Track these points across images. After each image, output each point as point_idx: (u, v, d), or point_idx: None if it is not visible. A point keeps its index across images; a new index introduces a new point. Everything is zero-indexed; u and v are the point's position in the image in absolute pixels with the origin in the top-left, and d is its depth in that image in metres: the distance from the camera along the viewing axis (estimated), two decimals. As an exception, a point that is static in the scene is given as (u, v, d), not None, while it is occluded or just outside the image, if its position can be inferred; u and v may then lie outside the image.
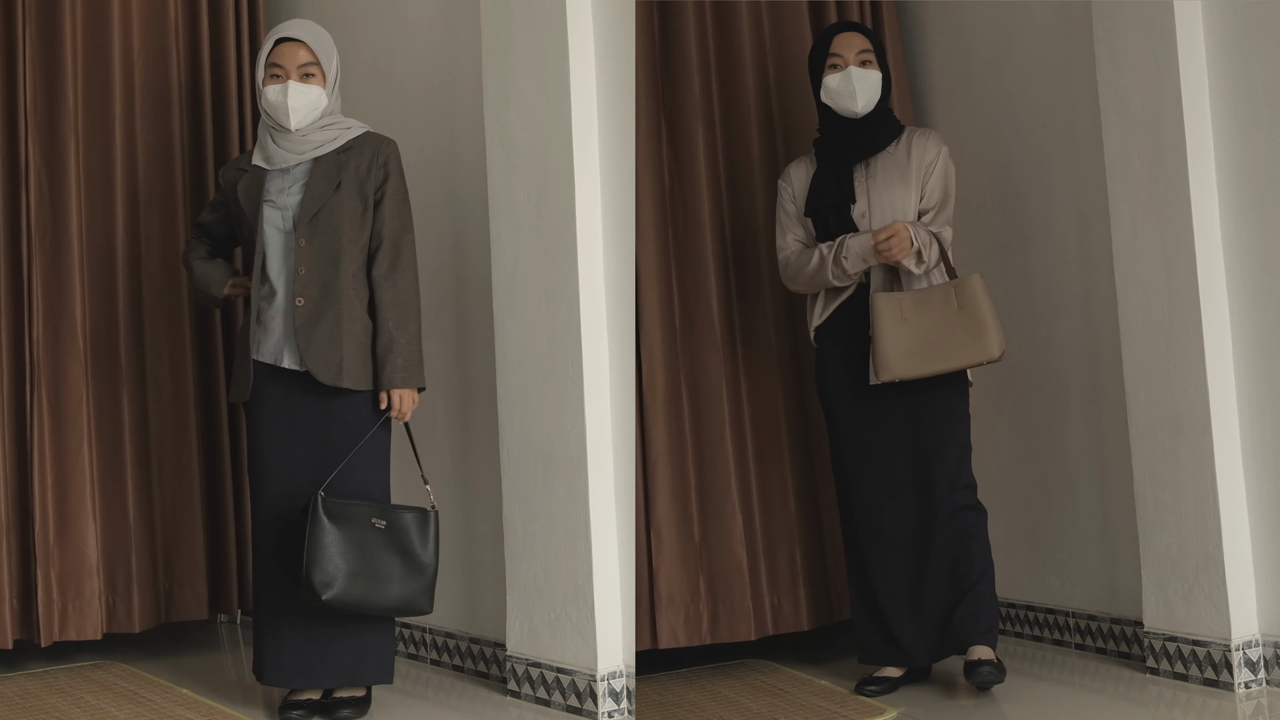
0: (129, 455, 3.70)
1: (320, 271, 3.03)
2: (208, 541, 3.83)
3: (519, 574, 3.22)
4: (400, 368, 3.03)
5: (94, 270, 3.69)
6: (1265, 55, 3.13)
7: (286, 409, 3.04)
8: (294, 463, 3.03)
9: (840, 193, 3.26)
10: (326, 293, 3.03)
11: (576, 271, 3.07)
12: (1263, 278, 3.15)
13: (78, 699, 3.29)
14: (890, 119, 3.33)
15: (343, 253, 3.04)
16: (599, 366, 3.08)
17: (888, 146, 3.29)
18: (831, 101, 3.29)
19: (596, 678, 3.00)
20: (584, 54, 3.12)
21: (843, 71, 3.25)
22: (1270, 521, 3.15)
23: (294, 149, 3.11)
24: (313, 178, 3.09)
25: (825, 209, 3.28)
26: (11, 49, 3.63)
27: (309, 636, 3.03)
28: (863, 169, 3.29)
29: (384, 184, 3.12)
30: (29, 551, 3.52)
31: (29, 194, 3.58)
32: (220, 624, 4.17)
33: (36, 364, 3.54)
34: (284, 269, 3.05)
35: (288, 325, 3.03)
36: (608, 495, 3.07)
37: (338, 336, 3.01)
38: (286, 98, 3.07)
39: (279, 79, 3.09)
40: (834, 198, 3.27)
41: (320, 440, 3.03)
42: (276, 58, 3.10)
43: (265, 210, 3.08)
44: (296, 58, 3.10)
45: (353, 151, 3.13)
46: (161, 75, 3.87)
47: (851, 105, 3.25)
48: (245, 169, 3.16)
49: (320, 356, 3.00)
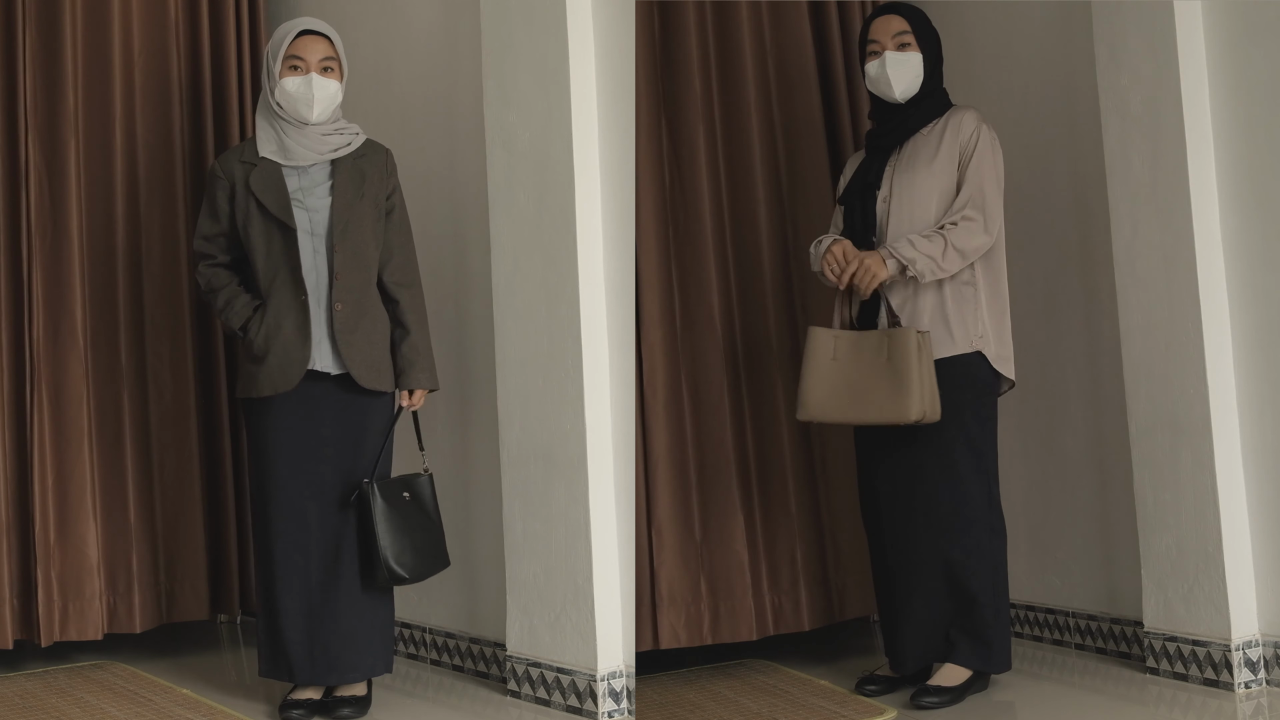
0: (129, 455, 3.70)
1: (353, 276, 3.06)
2: (209, 541, 3.83)
3: (519, 574, 3.23)
4: (425, 369, 3.16)
5: (94, 269, 3.69)
6: (1265, 55, 3.13)
7: (308, 409, 3.05)
8: (319, 461, 3.06)
9: (866, 179, 3.22)
10: (361, 297, 3.07)
11: (576, 271, 3.07)
12: (1263, 278, 3.15)
13: (78, 699, 3.29)
14: (931, 99, 3.21)
15: (369, 259, 3.09)
16: (599, 366, 3.08)
17: (922, 129, 3.21)
18: (874, 89, 3.24)
19: (596, 678, 3.01)
20: (584, 54, 3.12)
21: (880, 58, 3.19)
22: (1270, 521, 3.15)
23: (313, 147, 3.10)
24: (338, 183, 3.09)
25: (851, 197, 3.24)
26: (11, 48, 3.62)
27: (320, 632, 3.05)
28: (896, 154, 3.22)
29: (393, 194, 3.18)
30: (29, 551, 3.52)
31: (29, 193, 3.58)
32: (220, 624, 4.17)
33: (37, 363, 3.54)
34: (314, 271, 3.05)
35: (321, 329, 3.04)
36: (608, 495, 3.07)
37: (373, 340, 3.08)
38: (311, 89, 3.06)
39: (299, 70, 3.07)
40: (859, 184, 3.23)
41: (346, 438, 3.07)
42: (297, 50, 3.08)
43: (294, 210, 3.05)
44: (318, 50, 3.09)
45: (366, 159, 3.15)
46: (162, 74, 3.87)
47: (889, 92, 3.19)
48: (252, 162, 3.10)
49: (360, 359, 3.05)
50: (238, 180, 3.10)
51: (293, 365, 3.02)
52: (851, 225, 3.22)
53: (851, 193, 3.25)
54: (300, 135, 3.09)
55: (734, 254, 3.64)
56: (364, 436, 3.10)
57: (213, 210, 3.15)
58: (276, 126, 3.11)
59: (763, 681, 3.38)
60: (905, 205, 3.14)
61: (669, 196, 3.56)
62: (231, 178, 3.11)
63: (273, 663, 3.10)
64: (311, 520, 3.05)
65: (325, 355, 3.05)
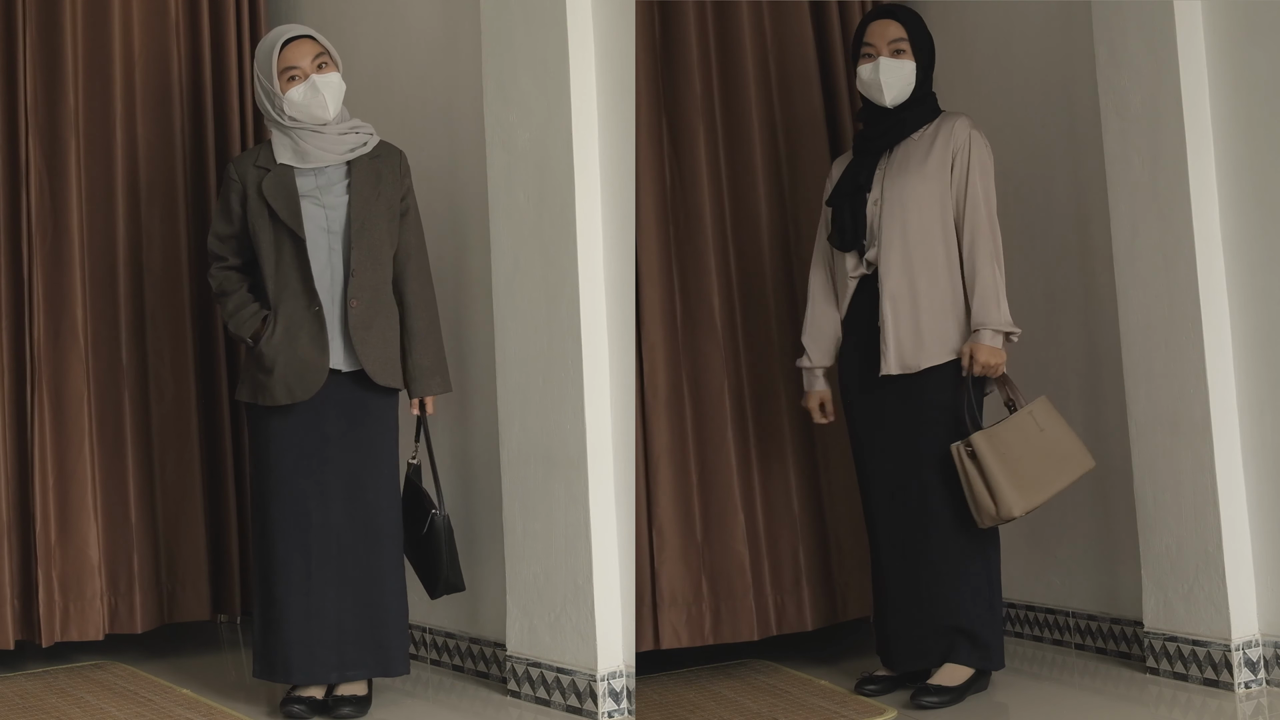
0: (130, 455, 3.70)
1: (369, 274, 3.07)
2: (209, 541, 3.82)
3: (519, 574, 3.23)
4: (441, 371, 3.21)
5: (95, 269, 3.68)
6: (1265, 55, 3.13)
7: (314, 408, 3.05)
8: (322, 460, 3.06)
9: (856, 182, 3.25)
10: (376, 296, 3.08)
11: (576, 271, 3.07)
12: (1263, 278, 3.15)
13: (78, 699, 3.29)
14: (922, 105, 3.24)
15: (385, 258, 3.11)
16: (599, 366, 3.08)
17: (913, 133, 3.24)
18: (865, 92, 3.26)
19: (597, 678, 3.01)
20: (584, 54, 3.12)
21: (874, 62, 3.20)
22: (1270, 521, 3.15)
23: (330, 148, 3.11)
24: (355, 181, 3.10)
25: (841, 198, 3.26)
26: (11, 48, 3.62)
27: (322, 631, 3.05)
28: (886, 157, 3.25)
29: (407, 195, 3.20)
30: (30, 551, 3.51)
31: (29, 194, 3.58)
32: (221, 624, 4.17)
33: (38, 364, 3.54)
34: (328, 270, 3.06)
35: (335, 327, 3.04)
36: (608, 495, 3.07)
37: (387, 338, 3.10)
38: (318, 91, 3.07)
39: (297, 79, 3.08)
40: (849, 186, 3.25)
41: (350, 436, 3.09)
42: (288, 60, 3.08)
43: (307, 208, 3.06)
44: (307, 52, 3.10)
45: (382, 160, 3.17)
46: (162, 74, 3.86)
47: (880, 97, 3.21)
48: (267, 167, 3.10)
49: (374, 356, 3.07)
50: (250, 184, 3.10)
51: (310, 374, 3.02)
52: (840, 227, 3.25)
53: (841, 194, 3.27)
54: (318, 138, 3.10)
55: (735, 253, 3.64)
56: (372, 434, 3.11)
57: (226, 212, 3.16)
58: (292, 134, 3.11)
59: (763, 682, 3.38)
60: (897, 208, 3.17)
61: (669, 196, 3.56)
62: (245, 181, 3.11)
63: (268, 663, 3.09)
64: (314, 519, 3.05)
65: (338, 353, 3.06)
